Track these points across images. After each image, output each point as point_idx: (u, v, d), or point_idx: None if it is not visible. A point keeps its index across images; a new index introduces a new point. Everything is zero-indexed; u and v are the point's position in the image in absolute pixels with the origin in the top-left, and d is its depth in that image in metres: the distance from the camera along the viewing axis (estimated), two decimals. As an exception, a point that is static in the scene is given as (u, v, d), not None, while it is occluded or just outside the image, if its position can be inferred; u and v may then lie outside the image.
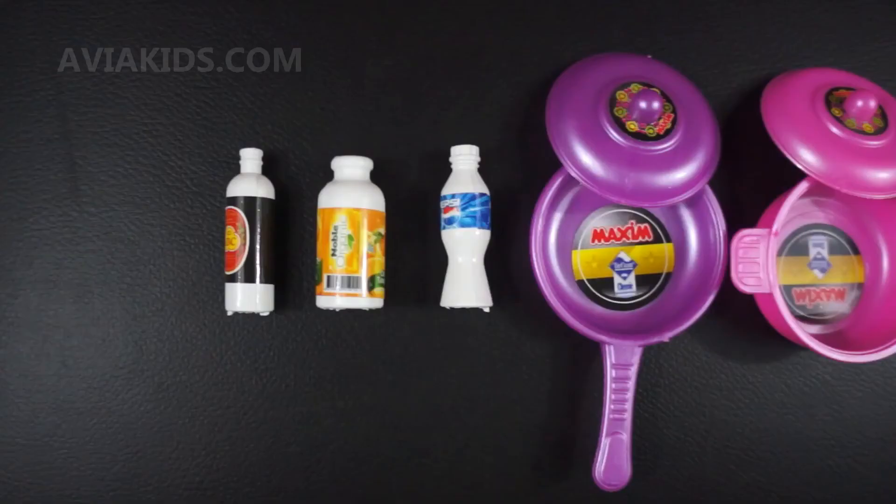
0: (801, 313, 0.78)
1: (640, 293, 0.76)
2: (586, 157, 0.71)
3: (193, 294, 0.74)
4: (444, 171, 0.74)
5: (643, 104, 0.71)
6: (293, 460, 0.73)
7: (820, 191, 0.77)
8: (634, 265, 0.76)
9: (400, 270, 0.74)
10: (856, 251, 0.80)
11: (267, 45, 0.76)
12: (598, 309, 0.76)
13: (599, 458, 0.72)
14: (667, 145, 0.72)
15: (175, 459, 0.73)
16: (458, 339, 0.75)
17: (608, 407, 0.72)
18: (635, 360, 0.73)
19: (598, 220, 0.76)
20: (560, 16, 0.79)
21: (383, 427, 0.74)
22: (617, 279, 0.76)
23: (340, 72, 0.76)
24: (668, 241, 0.77)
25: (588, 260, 0.76)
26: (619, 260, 0.76)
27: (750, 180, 0.78)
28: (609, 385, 0.72)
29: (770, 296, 0.72)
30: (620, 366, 0.72)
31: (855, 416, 0.80)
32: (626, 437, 0.72)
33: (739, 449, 0.78)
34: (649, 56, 0.78)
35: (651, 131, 0.72)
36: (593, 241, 0.76)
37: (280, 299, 0.73)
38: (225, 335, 0.74)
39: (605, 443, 0.72)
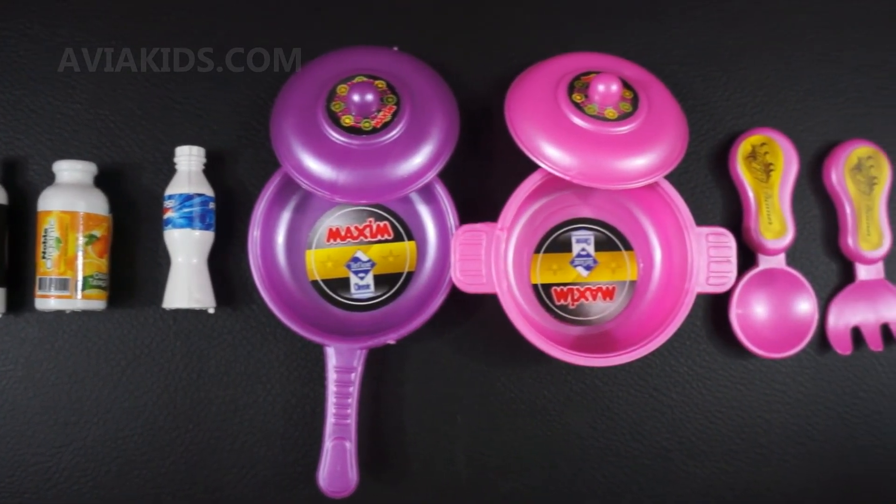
0: (563, 314, 0.74)
1: (379, 293, 0.73)
2: (301, 154, 0.69)
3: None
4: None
5: (356, 97, 0.68)
6: (33, 462, 0.73)
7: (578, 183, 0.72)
8: (373, 264, 0.74)
9: (130, 272, 0.74)
10: (627, 247, 0.74)
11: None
12: (335, 310, 0.74)
13: (322, 465, 0.70)
14: (385, 139, 0.69)
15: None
16: (188, 341, 0.73)
17: (330, 412, 0.70)
18: (358, 363, 0.70)
19: (334, 219, 0.74)
20: (305, 7, 0.77)
21: (119, 429, 0.73)
22: (354, 279, 0.74)
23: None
24: (410, 239, 0.74)
25: (323, 260, 0.74)
26: (356, 259, 0.74)
27: (500, 174, 0.74)
28: (331, 389, 0.70)
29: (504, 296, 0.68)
30: (342, 369, 0.70)
31: (626, 420, 0.75)
32: (350, 443, 0.70)
33: (497, 457, 0.74)
34: (396, 48, 0.75)
35: (367, 125, 0.69)
36: (329, 240, 0.74)
37: (19, 303, 0.74)
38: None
39: (327, 448, 0.70)
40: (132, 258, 0.74)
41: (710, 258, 0.70)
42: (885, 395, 0.78)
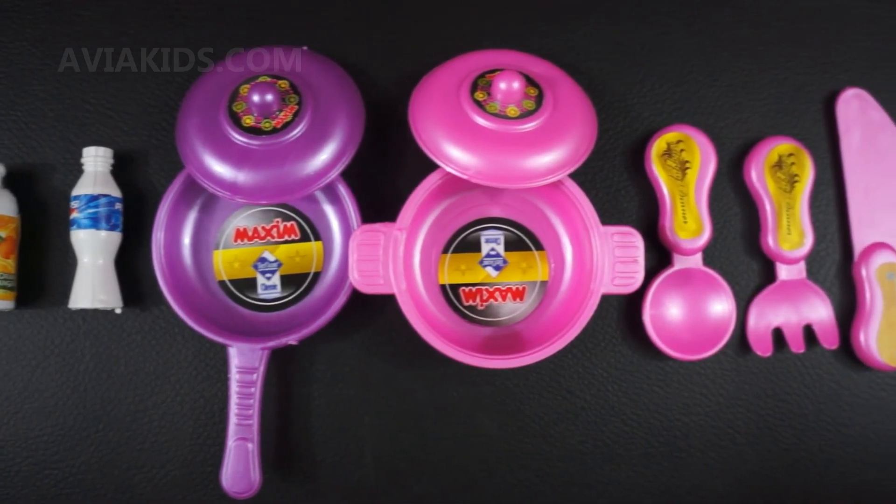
0: (471, 314, 0.73)
1: (285, 293, 0.73)
2: (203, 155, 0.69)
3: None
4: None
5: (256, 97, 0.68)
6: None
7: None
8: (279, 265, 0.73)
9: (40, 272, 0.74)
10: (539, 247, 0.73)
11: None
12: (242, 311, 0.73)
13: (225, 465, 0.70)
14: (285, 139, 0.69)
15: None
16: (97, 342, 0.73)
17: (232, 412, 0.70)
18: (260, 363, 0.70)
19: (242, 219, 0.74)
20: (216, 7, 0.77)
21: (29, 429, 0.73)
22: (260, 279, 0.73)
23: None
24: (317, 239, 0.74)
25: (230, 260, 0.73)
26: (263, 259, 0.73)
27: (409, 174, 0.73)
28: (233, 389, 0.70)
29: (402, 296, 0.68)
30: (244, 369, 0.70)
31: (538, 422, 0.74)
32: (252, 444, 0.70)
33: (406, 459, 0.74)
34: (305, 48, 0.75)
35: (268, 125, 0.69)
36: (236, 240, 0.74)
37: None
38: None
39: (230, 449, 0.70)
40: (42, 258, 0.75)
41: (616, 258, 0.69)
42: (809, 397, 0.77)
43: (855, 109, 0.78)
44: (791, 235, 0.75)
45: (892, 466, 0.77)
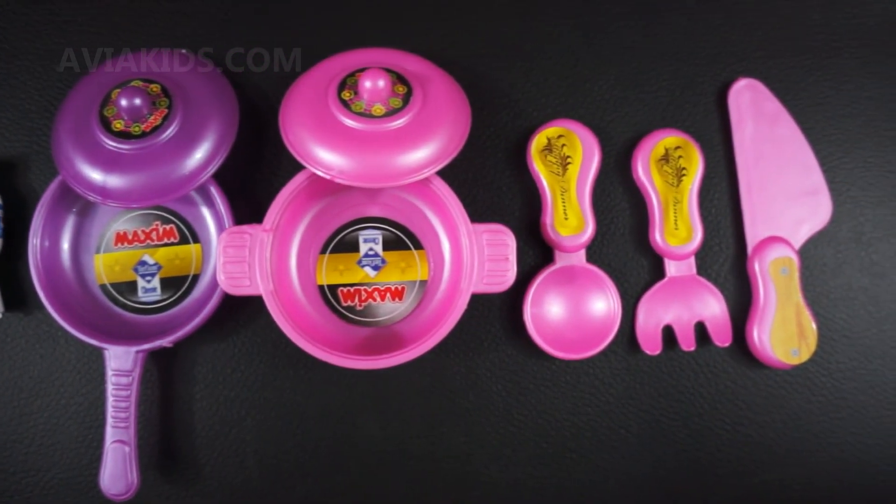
0: (350, 315, 0.72)
1: (165, 296, 0.73)
2: (75, 159, 0.70)
3: None
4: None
5: (123, 101, 0.69)
6: None
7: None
8: (159, 268, 0.74)
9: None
10: (418, 246, 0.73)
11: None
12: (124, 314, 0.74)
13: (103, 468, 0.70)
14: (154, 143, 0.69)
15: None
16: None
17: (109, 414, 0.70)
18: (135, 366, 0.70)
19: (122, 223, 0.74)
20: (95, 8, 0.78)
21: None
22: (141, 282, 0.74)
23: None
24: (196, 241, 0.74)
25: (111, 264, 0.74)
26: (143, 263, 0.74)
27: (287, 175, 0.73)
28: (109, 392, 0.70)
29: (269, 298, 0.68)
30: (119, 372, 0.70)
31: (421, 423, 0.74)
32: (129, 447, 0.70)
33: (289, 460, 0.74)
34: (184, 51, 0.75)
35: (137, 129, 0.69)
36: (116, 244, 0.74)
37: None
38: None
39: (107, 451, 0.70)
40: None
41: (486, 256, 0.68)
42: (704, 396, 0.75)
43: (747, 100, 0.76)
44: (679, 230, 0.74)
45: (792, 466, 0.75)
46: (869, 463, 0.76)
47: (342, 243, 0.73)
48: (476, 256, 0.68)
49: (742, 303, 0.75)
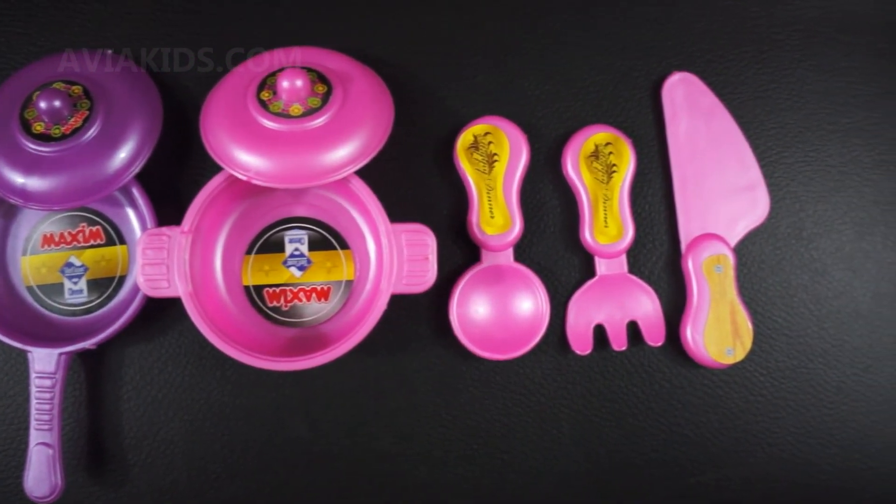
0: (276, 316, 0.72)
1: (92, 298, 0.73)
2: (-4, 162, 0.70)
3: None
4: None
5: (42, 103, 0.68)
6: None
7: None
8: (86, 269, 0.73)
9: None
10: (344, 246, 0.72)
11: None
12: (51, 316, 0.74)
13: (27, 470, 0.70)
14: (72, 145, 0.69)
15: None
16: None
17: (32, 416, 0.70)
18: (58, 368, 0.70)
19: (48, 225, 0.74)
20: (25, 10, 0.77)
21: None
22: (67, 284, 0.74)
23: None
24: (122, 243, 0.73)
25: (38, 266, 0.74)
26: (70, 264, 0.74)
27: (213, 175, 0.72)
28: (33, 394, 0.70)
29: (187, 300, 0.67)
30: (42, 374, 0.70)
31: (348, 423, 0.73)
32: (52, 449, 0.70)
33: (217, 462, 0.73)
34: (109, 51, 0.75)
35: (57, 131, 0.69)
36: (43, 245, 0.74)
37: None
38: None
39: (31, 453, 0.70)
40: None
41: (406, 257, 0.67)
42: (638, 396, 0.74)
43: (681, 95, 0.74)
44: (609, 228, 0.72)
45: (729, 466, 0.74)
46: (809, 462, 0.74)
47: (268, 244, 0.72)
48: (395, 256, 0.67)
49: (676, 302, 0.74)
